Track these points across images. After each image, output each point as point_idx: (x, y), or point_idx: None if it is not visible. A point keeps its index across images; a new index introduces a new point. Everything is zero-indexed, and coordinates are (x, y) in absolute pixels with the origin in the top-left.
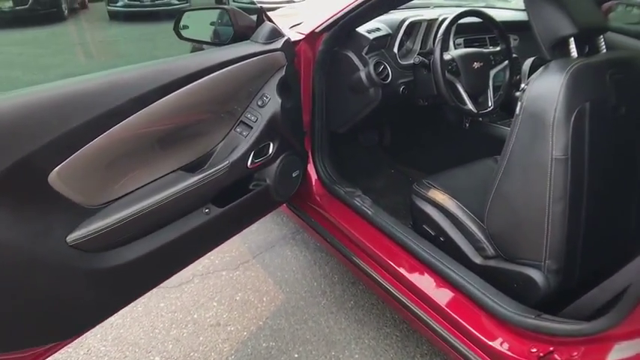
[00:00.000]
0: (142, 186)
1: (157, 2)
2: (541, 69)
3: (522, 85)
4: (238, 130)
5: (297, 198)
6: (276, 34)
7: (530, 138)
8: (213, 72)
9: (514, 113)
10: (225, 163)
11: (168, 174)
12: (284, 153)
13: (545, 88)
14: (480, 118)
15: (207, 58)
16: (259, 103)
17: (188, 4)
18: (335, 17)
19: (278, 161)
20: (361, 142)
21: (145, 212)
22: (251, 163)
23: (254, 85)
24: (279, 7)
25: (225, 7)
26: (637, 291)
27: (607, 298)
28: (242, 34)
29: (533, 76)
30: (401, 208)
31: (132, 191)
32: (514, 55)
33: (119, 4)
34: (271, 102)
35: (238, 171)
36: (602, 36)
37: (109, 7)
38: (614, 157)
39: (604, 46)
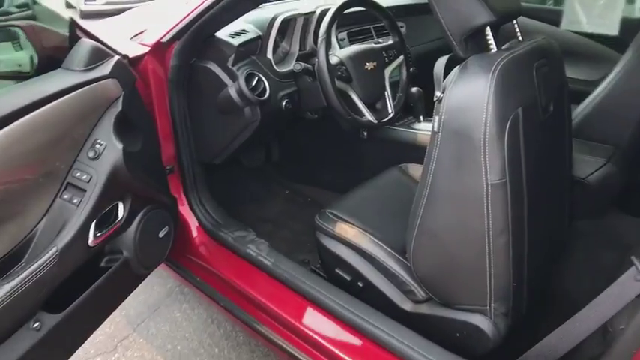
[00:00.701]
0: None
1: None
2: (457, 70)
3: (437, 94)
4: (66, 197)
5: (174, 251)
6: (100, 54)
7: (456, 161)
8: (8, 123)
9: (412, 110)
10: (53, 250)
11: None
12: (142, 210)
13: (469, 95)
14: None
15: None
16: (90, 154)
17: (30, 12)
18: (186, 21)
19: (135, 223)
20: (244, 164)
21: None
22: (94, 238)
23: (78, 130)
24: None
25: (17, 23)
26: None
27: (572, 343)
28: (51, 60)
29: (449, 79)
30: (305, 240)
31: None
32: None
33: None
34: (108, 150)
35: (76, 254)
36: (515, 21)
37: None
38: (547, 165)
39: (519, 34)
